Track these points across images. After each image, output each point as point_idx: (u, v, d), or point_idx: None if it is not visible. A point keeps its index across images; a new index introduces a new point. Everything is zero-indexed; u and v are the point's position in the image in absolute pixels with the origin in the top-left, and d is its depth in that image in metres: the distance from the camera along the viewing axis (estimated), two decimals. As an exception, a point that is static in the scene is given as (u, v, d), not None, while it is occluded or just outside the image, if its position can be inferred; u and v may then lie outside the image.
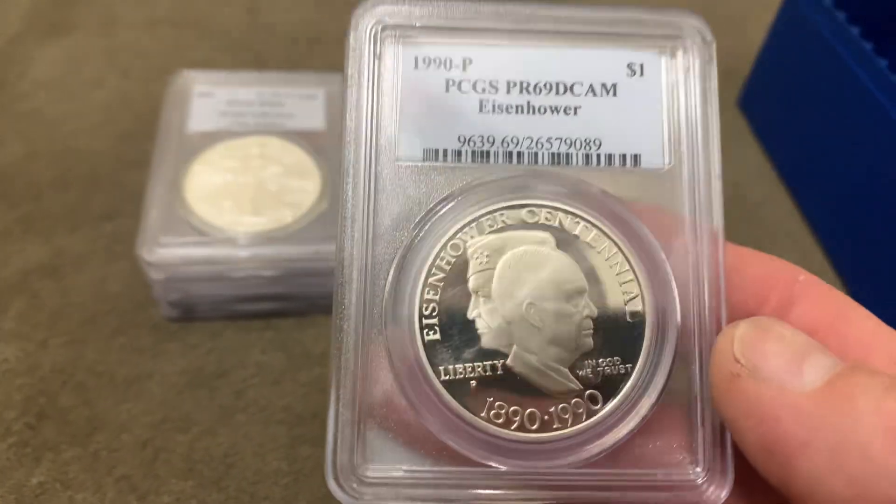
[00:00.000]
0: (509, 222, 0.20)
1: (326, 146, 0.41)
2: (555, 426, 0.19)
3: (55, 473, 0.33)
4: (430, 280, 0.19)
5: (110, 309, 0.38)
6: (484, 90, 0.21)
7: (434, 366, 0.19)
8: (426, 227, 0.20)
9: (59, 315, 0.38)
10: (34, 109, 0.49)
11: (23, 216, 0.42)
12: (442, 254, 0.20)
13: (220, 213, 0.37)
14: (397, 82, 0.20)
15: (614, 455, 0.19)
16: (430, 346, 0.19)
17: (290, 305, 0.38)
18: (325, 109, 0.42)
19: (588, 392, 0.19)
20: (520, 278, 0.20)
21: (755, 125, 0.51)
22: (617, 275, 0.20)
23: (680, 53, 0.21)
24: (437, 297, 0.19)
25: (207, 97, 0.42)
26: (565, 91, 0.21)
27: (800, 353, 0.17)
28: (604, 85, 0.21)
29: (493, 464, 0.19)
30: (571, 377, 0.19)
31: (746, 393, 0.17)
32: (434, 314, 0.19)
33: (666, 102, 0.21)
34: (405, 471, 0.19)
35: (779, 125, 0.49)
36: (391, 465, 0.19)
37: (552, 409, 0.19)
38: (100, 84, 0.51)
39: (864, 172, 0.41)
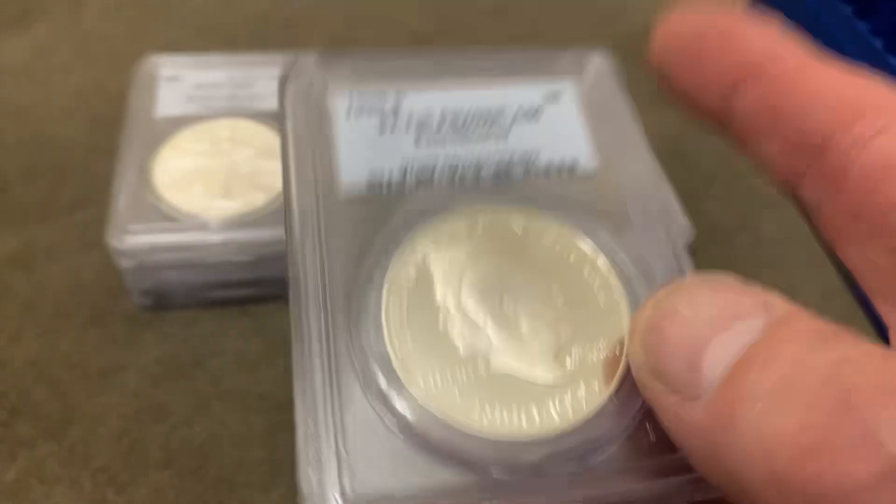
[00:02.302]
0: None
1: (299, 127, 0.40)
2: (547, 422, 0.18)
3: (31, 469, 0.32)
4: (392, 298, 0.19)
5: (83, 300, 0.38)
6: (419, 128, 0.22)
7: (411, 380, 0.18)
8: (384, 256, 0.20)
9: (30, 307, 0.37)
10: (1, 98, 0.48)
11: (-8, 208, 0.42)
12: (402, 272, 0.20)
13: (190, 198, 0.36)
14: (334, 131, 0.22)
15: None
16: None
17: (266, 291, 0.37)
18: (296, 89, 0.41)
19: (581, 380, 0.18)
20: (490, 286, 0.19)
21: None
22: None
23: (590, 81, 0.24)
24: (403, 318, 0.19)
25: (175, 81, 0.41)
26: (493, 122, 0.22)
27: (700, 340, 0.14)
28: (526, 112, 0.23)
29: (489, 471, 0.17)
30: (557, 372, 0.19)
31: (657, 405, 0.14)
32: (402, 333, 0.19)
33: (584, 120, 0.23)
34: (395, 494, 0.17)
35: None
36: (376, 490, 0.17)
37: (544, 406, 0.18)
38: (68, 71, 0.50)
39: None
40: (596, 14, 0.60)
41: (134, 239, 0.35)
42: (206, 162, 0.38)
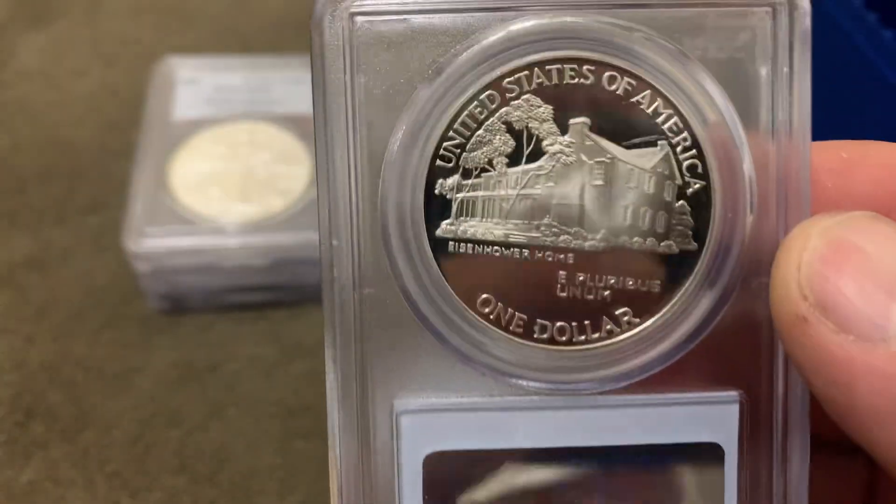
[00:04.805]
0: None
1: (316, 131, 0.40)
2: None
3: (46, 471, 0.32)
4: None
5: (98, 302, 0.38)
6: None
7: None
8: None
9: (45, 310, 0.37)
10: (18, 100, 0.48)
11: (8, 210, 0.42)
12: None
13: (207, 202, 0.36)
14: None
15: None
16: None
17: (282, 296, 0.37)
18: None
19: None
20: None
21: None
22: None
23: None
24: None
25: (193, 84, 0.41)
26: None
27: (890, 284, 0.13)
28: None
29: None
30: None
31: (815, 343, 0.13)
32: None
33: None
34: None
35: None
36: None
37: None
38: (84, 73, 0.50)
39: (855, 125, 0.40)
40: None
41: (150, 242, 0.35)
42: (224, 165, 0.38)
